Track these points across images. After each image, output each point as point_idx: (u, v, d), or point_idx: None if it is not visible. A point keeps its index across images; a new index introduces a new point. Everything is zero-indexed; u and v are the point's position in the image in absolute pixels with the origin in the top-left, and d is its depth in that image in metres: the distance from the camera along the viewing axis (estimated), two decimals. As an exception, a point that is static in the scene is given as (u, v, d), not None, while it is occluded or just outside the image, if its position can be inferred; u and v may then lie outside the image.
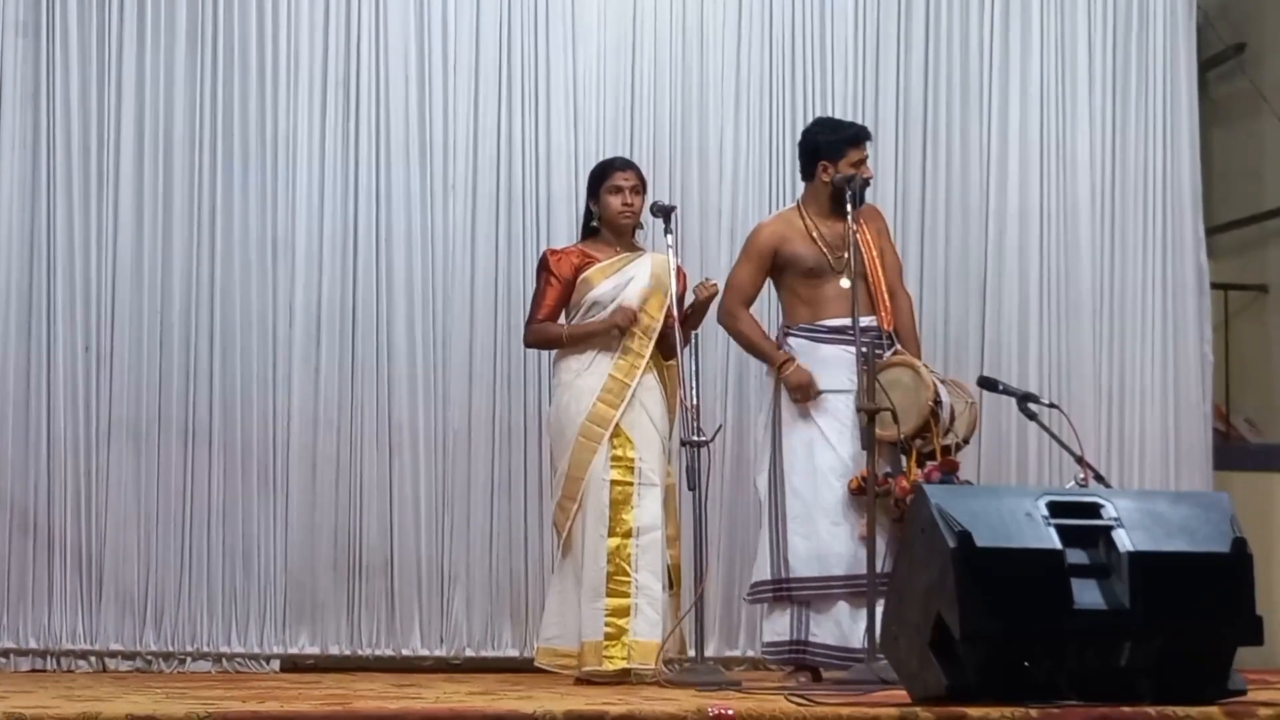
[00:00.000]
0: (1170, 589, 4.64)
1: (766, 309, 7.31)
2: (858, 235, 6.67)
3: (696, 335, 6.83)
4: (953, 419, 6.60)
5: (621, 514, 6.59)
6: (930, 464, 6.52)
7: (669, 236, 6.67)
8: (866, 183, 6.78)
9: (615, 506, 6.59)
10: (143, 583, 7.54)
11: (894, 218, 7.74)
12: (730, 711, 4.59)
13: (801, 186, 7.05)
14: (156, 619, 7.54)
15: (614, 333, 6.72)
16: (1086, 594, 4.62)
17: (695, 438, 6.44)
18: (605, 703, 4.98)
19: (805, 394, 6.69)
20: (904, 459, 6.59)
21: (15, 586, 7.47)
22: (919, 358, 6.79)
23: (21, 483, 7.50)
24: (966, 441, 6.72)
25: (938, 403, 6.54)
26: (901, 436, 6.52)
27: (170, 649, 7.53)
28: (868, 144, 6.90)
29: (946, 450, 6.56)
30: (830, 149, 6.83)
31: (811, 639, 6.63)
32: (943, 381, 6.70)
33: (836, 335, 6.70)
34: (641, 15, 8.13)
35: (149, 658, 7.52)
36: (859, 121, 7.42)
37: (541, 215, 7.94)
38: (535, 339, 6.95)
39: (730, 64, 8.17)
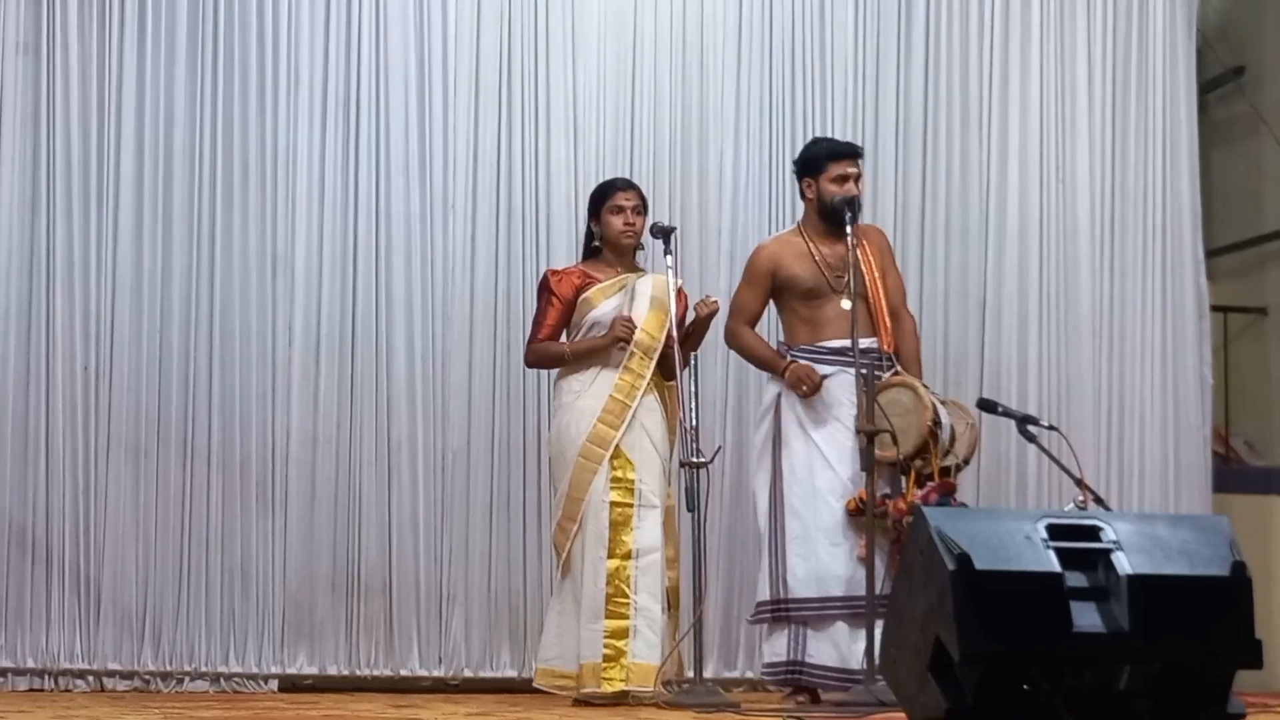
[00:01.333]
0: (1169, 612, 4.63)
1: (768, 331, 7.31)
2: (859, 255, 6.67)
3: (696, 356, 6.83)
4: (953, 440, 6.59)
5: (621, 535, 6.59)
6: (928, 485, 6.51)
7: (669, 258, 6.68)
8: (855, 201, 6.73)
9: (615, 528, 6.59)
10: (141, 602, 7.52)
11: (893, 238, 7.70)
12: (728, 733, 4.59)
13: (802, 207, 7.05)
14: (154, 638, 7.52)
15: (617, 346, 6.71)
16: (1085, 617, 4.60)
17: (694, 459, 6.44)
18: (603, 724, 4.99)
19: (809, 382, 6.65)
20: (903, 480, 6.58)
21: (13, 605, 7.45)
22: (920, 379, 6.79)
23: (19, 501, 7.49)
24: (967, 462, 6.72)
25: (937, 424, 6.53)
26: (901, 457, 6.51)
27: (168, 668, 7.52)
28: (857, 161, 6.86)
29: (946, 471, 6.55)
30: (811, 164, 6.86)
31: (808, 659, 6.61)
32: (943, 403, 6.70)
33: (837, 356, 6.69)
34: (641, 35, 8.14)
35: (147, 677, 7.51)
36: (859, 141, 7.43)
37: (541, 234, 7.94)
38: (537, 359, 6.95)
39: (730, 84, 8.18)
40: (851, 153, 6.89)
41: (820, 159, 6.84)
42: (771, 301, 6.97)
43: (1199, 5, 8.77)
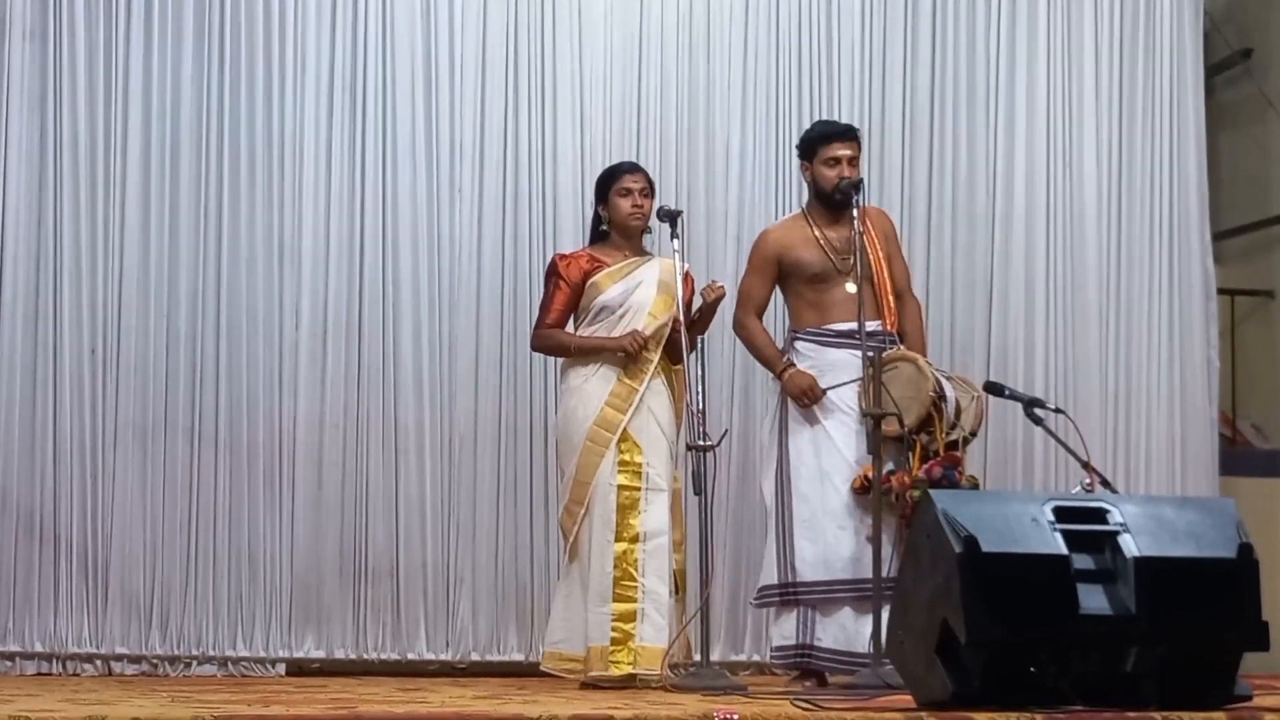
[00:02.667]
0: (1176, 594, 4.64)
1: (774, 313, 7.31)
2: (864, 237, 6.66)
3: (703, 340, 6.84)
4: (958, 414, 6.58)
5: (629, 519, 6.60)
6: (933, 459, 6.49)
7: (676, 241, 6.68)
8: (852, 183, 6.70)
9: (622, 511, 6.60)
10: (148, 586, 7.53)
11: (900, 223, 7.74)
12: (736, 716, 4.60)
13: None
14: (162, 622, 7.53)
15: (618, 355, 6.71)
16: (1092, 599, 4.61)
17: (701, 443, 6.44)
18: (611, 707, 4.98)
19: (810, 396, 6.68)
20: (910, 455, 6.57)
21: (21, 590, 7.46)
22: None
23: (27, 486, 7.50)
24: (974, 435, 6.70)
25: (940, 397, 6.52)
26: (906, 431, 6.50)
27: (176, 652, 7.53)
28: (850, 143, 6.80)
29: (953, 446, 6.53)
30: (806, 148, 6.87)
31: (816, 643, 6.62)
32: (947, 378, 6.68)
33: (844, 339, 6.69)
34: (648, 19, 8.13)
35: (155, 661, 7.52)
36: (865, 125, 7.41)
37: (548, 219, 7.94)
38: (542, 345, 6.95)
39: (737, 68, 8.17)
40: (843, 134, 6.85)
41: (814, 142, 6.83)
42: (777, 286, 6.97)
43: (1206, -12, 8.77)
